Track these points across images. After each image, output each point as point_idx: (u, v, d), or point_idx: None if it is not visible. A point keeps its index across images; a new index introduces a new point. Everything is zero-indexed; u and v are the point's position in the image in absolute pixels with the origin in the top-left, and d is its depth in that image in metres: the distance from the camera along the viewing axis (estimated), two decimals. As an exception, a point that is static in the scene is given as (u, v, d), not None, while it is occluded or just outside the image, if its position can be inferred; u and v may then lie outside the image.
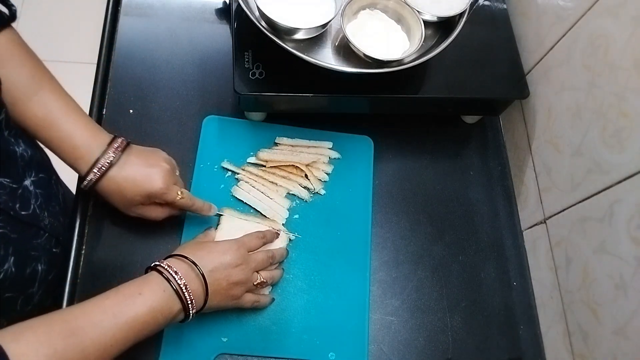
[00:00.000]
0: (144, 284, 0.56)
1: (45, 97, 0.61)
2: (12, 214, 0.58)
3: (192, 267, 0.58)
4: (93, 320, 0.51)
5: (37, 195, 0.63)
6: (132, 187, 0.62)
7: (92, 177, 0.61)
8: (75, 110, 0.63)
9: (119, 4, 0.86)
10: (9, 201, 0.57)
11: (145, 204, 0.65)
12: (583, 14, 0.67)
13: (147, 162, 0.64)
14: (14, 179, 0.59)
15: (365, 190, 0.78)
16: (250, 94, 0.71)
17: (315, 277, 0.72)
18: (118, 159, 0.62)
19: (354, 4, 0.71)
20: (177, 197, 0.65)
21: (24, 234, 0.60)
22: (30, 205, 0.61)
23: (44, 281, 0.65)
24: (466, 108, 0.84)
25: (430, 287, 0.75)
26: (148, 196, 0.63)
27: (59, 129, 0.61)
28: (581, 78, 0.67)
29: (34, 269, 0.62)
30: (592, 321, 0.63)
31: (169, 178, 0.64)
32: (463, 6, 0.72)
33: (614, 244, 0.59)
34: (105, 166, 0.61)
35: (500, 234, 0.80)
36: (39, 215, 0.63)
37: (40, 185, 0.64)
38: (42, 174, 0.65)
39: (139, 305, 0.53)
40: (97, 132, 0.63)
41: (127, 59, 0.82)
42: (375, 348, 0.70)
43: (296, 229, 0.74)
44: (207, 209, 0.69)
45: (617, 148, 0.60)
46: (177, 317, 0.57)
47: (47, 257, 0.65)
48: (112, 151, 0.62)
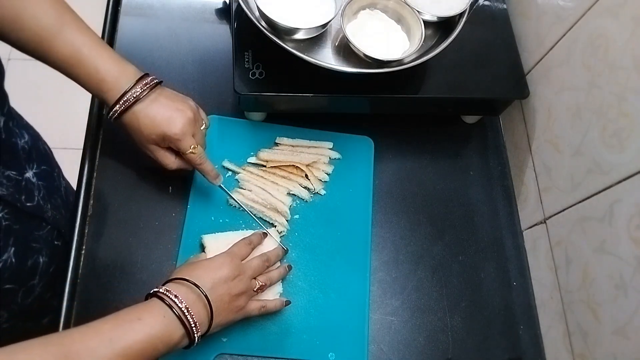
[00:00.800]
0: (144, 309, 0.54)
1: (71, 34, 0.60)
2: (19, 205, 0.58)
3: (193, 288, 0.56)
4: (89, 345, 0.49)
5: (40, 187, 0.63)
6: (150, 124, 0.62)
7: (117, 108, 0.61)
8: (102, 45, 0.63)
9: (119, 4, 0.86)
10: (15, 193, 0.58)
11: (160, 146, 0.65)
12: (583, 14, 0.67)
13: (174, 104, 0.64)
14: (18, 171, 0.59)
15: (365, 190, 0.78)
16: (250, 94, 0.71)
17: (315, 277, 0.72)
18: (146, 95, 0.62)
19: (354, 4, 0.71)
20: (189, 149, 0.64)
21: (27, 226, 0.60)
22: (35, 197, 0.61)
23: (45, 274, 0.65)
24: (466, 108, 0.84)
25: (430, 287, 0.75)
26: (163, 137, 0.63)
27: (88, 64, 0.60)
28: (581, 78, 0.67)
29: (35, 261, 0.63)
30: (592, 321, 0.63)
31: (188, 126, 0.63)
32: (463, 6, 0.72)
33: (614, 244, 0.59)
34: (131, 100, 0.61)
35: (500, 234, 0.80)
36: (43, 207, 0.63)
37: (42, 177, 0.64)
38: (44, 166, 0.65)
39: (138, 332, 0.52)
40: (127, 66, 0.63)
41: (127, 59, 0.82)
42: (375, 348, 0.70)
43: (296, 229, 0.74)
44: (213, 175, 0.68)
45: (617, 148, 0.60)
46: (181, 344, 0.56)
47: (48, 250, 0.65)
48: (140, 86, 0.62)
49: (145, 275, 0.69)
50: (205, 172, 0.67)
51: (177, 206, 0.73)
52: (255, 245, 0.67)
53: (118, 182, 0.74)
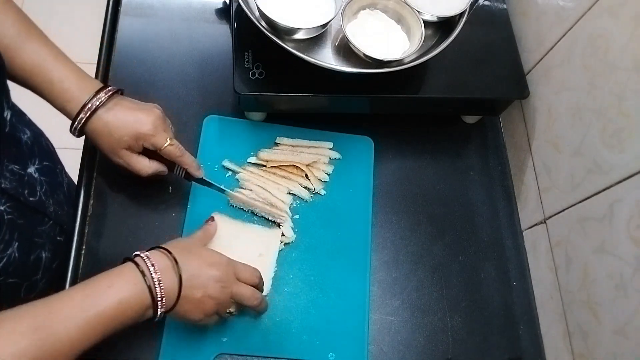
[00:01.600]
0: (116, 275, 0.54)
1: (34, 46, 0.61)
2: (22, 199, 0.58)
3: (173, 264, 0.56)
4: (60, 314, 0.49)
5: (42, 182, 0.63)
6: (120, 126, 0.62)
7: (82, 115, 0.61)
8: (64, 58, 0.63)
9: (119, 4, 0.86)
10: (19, 187, 0.58)
11: (133, 150, 0.64)
12: (583, 14, 0.67)
13: (139, 106, 0.64)
14: (21, 165, 0.59)
15: (365, 190, 0.78)
16: (250, 94, 0.71)
17: (315, 277, 0.72)
18: (108, 101, 0.62)
19: (354, 4, 0.71)
20: (166, 143, 0.63)
21: (30, 220, 0.60)
22: (37, 192, 0.61)
23: (48, 269, 0.65)
24: (466, 108, 0.84)
25: (430, 287, 0.75)
26: (136, 137, 0.62)
27: (50, 75, 0.61)
28: (581, 78, 0.67)
29: (38, 256, 0.63)
30: (592, 321, 0.63)
31: (158, 122, 0.63)
32: (463, 6, 0.72)
33: (614, 244, 0.59)
34: (95, 104, 0.61)
35: (500, 234, 0.80)
36: (45, 202, 0.63)
37: (44, 172, 0.64)
38: (46, 162, 0.65)
39: (109, 299, 0.51)
40: (88, 78, 0.63)
41: (127, 59, 0.82)
42: (375, 348, 0.70)
43: (296, 229, 0.74)
44: (195, 167, 0.67)
45: (617, 148, 0.60)
46: (147, 314, 0.55)
47: (51, 245, 0.65)
48: (104, 93, 0.62)
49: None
50: (187, 164, 0.67)
51: (177, 206, 0.73)
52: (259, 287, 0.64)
53: (118, 182, 0.74)
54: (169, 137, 0.64)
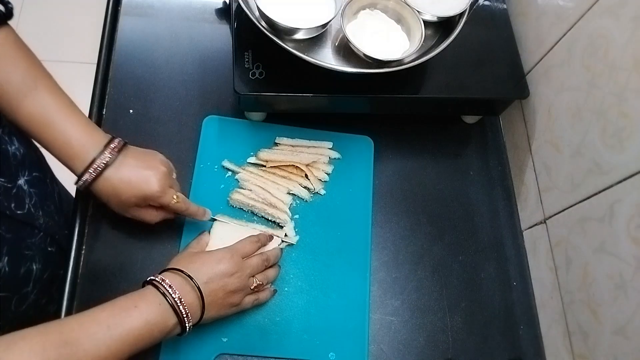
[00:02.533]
0: (140, 297, 0.55)
1: (41, 96, 0.60)
2: (8, 213, 0.58)
3: (187, 280, 0.57)
4: (88, 331, 0.50)
5: (32, 194, 0.62)
6: (127, 188, 0.62)
7: (87, 177, 0.60)
8: (72, 110, 0.62)
9: (119, 4, 0.86)
10: (5, 201, 0.57)
11: (141, 206, 0.65)
12: (583, 14, 0.67)
13: (144, 164, 0.64)
14: (8, 178, 0.59)
15: (365, 190, 0.78)
16: (250, 94, 0.71)
17: (315, 277, 0.72)
18: (114, 159, 0.61)
19: (354, 4, 0.71)
20: (173, 201, 0.64)
21: (19, 234, 0.60)
22: (25, 205, 0.61)
23: (38, 280, 0.65)
24: (466, 108, 0.84)
25: (430, 287, 0.75)
26: (144, 198, 0.63)
27: (54, 128, 0.60)
28: (581, 78, 0.67)
29: (29, 269, 0.62)
30: (592, 321, 0.63)
31: (165, 181, 0.64)
32: (463, 6, 0.72)
33: (614, 244, 0.59)
34: (101, 167, 0.60)
35: (500, 234, 0.80)
36: (34, 215, 0.62)
37: (34, 184, 0.63)
38: (36, 173, 0.65)
39: (135, 318, 0.53)
40: (94, 132, 0.62)
41: (127, 59, 0.83)
42: (375, 348, 0.70)
43: (296, 229, 0.74)
44: (201, 214, 0.69)
45: (617, 148, 0.60)
46: (174, 331, 0.57)
47: (41, 256, 0.64)
48: (109, 152, 0.61)
49: (145, 275, 0.68)
50: (193, 216, 0.68)
51: (177, 206, 0.73)
52: (263, 244, 0.68)
53: (118, 182, 0.74)
54: (174, 194, 0.65)
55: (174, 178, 0.68)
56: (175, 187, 0.67)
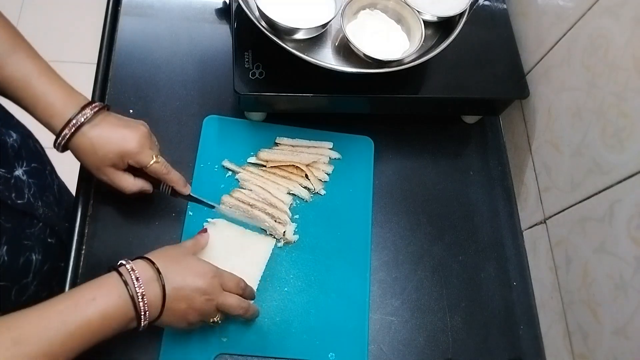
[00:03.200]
0: (99, 287, 0.53)
1: (21, 60, 0.60)
2: (10, 203, 0.58)
3: (157, 276, 0.55)
4: (40, 327, 0.49)
5: (31, 184, 0.63)
6: (105, 143, 0.61)
7: (66, 132, 0.59)
8: (51, 72, 0.62)
9: (119, 4, 0.86)
10: (5, 191, 0.57)
11: (118, 167, 0.63)
12: (583, 14, 0.67)
13: (124, 123, 0.63)
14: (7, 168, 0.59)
15: (365, 190, 0.78)
16: (250, 94, 0.71)
17: (315, 277, 0.72)
18: (94, 117, 0.60)
19: (354, 4, 0.71)
20: (152, 161, 0.62)
21: (18, 223, 0.60)
22: (25, 195, 0.61)
23: (38, 272, 0.65)
24: (466, 108, 0.84)
25: (430, 287, 0.75)
26: (121, 155, 0.61)
27: (34, 89, 0.59)
28: (581, 78, 0.67)
29: (28, 259, 0.62)
30: (592, 321, 0.63)
31: (144, 139, 0.62)
32: (463, 6, 0.72)
33: (614, 244, 0.59)
34: (80, 121, 0.59)
35: (500, 234, 0.80)
36: (34, 204, 0.62)
37: (33, 174, 0.63)
38: (34, 164, 0.65)
39: (91, 312, 0.51)
40: (74, 93, 0.62)
41: (127, 59, 0.82)
42: (375, 348, 0.70)
43: (296, 229, 0.74)
44: (182, 184, 0.66)
45: (617, 148, 0.60)
46: (130, 325, 0.55)
47: (41, 247, 0.64)
48: (89, 109, 0.60)
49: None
50: (173, 182, 0.66)
51: (177, 206, 0.73)
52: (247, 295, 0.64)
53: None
54: (154, 154, 0.63)
55: (156, 144, 0.66)
56: (156, 150, 0.65)
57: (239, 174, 0.75)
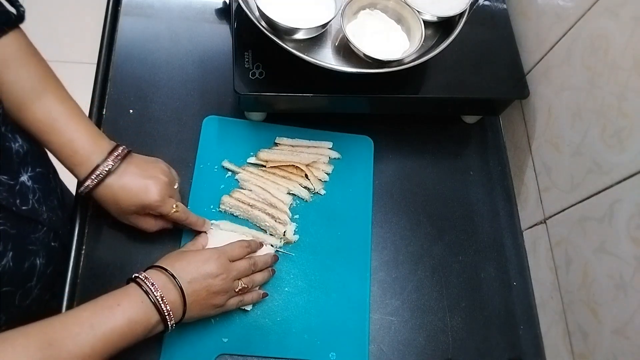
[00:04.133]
0: (122, 295, 0.56)
1: (49, 102, 0.61)
2: (14, 209, 0.58)
3: (170, 278, 0.58)
4: (71, 332, 0.51)
5: (35, 190, 0.63)
6: (127, 196, 0.62)
7: (89, 183, 0.61)
8: (79, 116, 0.63)
9: (119, 4, 0.86)
10: (10, 197, 0.58)
11: (140, 214, 0.65)
12: (583, 14, 0.67)
13: (146, 172, 0.64)
14: (11, 175, 0.59)
15: (365, 190, 0.78)
16: (250, 94, 0.71)
17: (315, 277, 0.72)
18: (117, 167, 0.62)
19: (354, 4, 0.71)
20: (172, 211, 0.65)
21: (23, 229, 0.60)
22: (29, 201, 0.61)
23: (42, 275, 0.65)
24: (466, 108, 0.84)
25: (430, 287, 0.75)
26: (142, 207, 0.64)
27: (60, 134, 0.61)
28: (581, 78, 0.67)
29: (32, 263, 0.62)
30: (592, 321, 0.63)
31: (165, 191, 0.64)
32: (463, 6, 0.72)
33: (614, 244, 0.59)
34: (104, 174, 0.61)
35: (500, 234, 0.80)
36: (38, 210, 0.63)
37: (37, 180, 0.64)
38: (39, 169, 0.65)
39: (118, 317, 0.53)
40: (99, 139, 0.63)
41: (127, 59, 0.82)
42: (376, 348, 0.70)
43: (296, 229, 0.74)
44: (200, 224, 0.69)
45: (617, 148, 0.60)
46: (157, 328, 0.57)
47: (45, 251, 0.65)
48: (112, 159, 0.62)
49: (146, 276, 0.69)
50: (192, 225, 0.68)
51: (177, 206, 0.73)
52: (253, 251, 0.68)
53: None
54: (174, 204, 0.65)
55: (175, 188, 0.68)
56: (176, 197, 0.67)
57: (239, 174, 0.75)
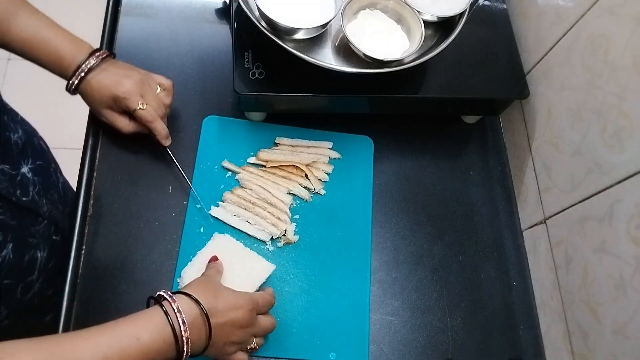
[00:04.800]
0: (145, 327, 0.51)
1: (26, 18, 0.65)
2: (14, 199, 0.58)
3: (204, 319, 0.54)
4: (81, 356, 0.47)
5: (35, 182, 0.63)
6: (101, 88, 0.67)
7: (74, 80, 0.66)
8: (56, 26, 0.68)
9: (119, 4, 0.86)
10: (10, 187, 0.58)
11: (114, 110, 0.69)
12: (583, 14, 0.67)
13: (122, 72, 0.68)
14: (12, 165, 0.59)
15: (365, 190, 0.78)
16: (250, 94, 0.71)
17: (315, 277, 0.72)
18: (97, 65, 0.67)
19: (354, 4, 0.71)
20: (138, 106, 0.67)
21: (23, 221, 0.60)
22: (29, 192, 0.62)
23: (44, 269, 0.65)
24: (466, 108, 0.84)
25: (430, 287, 0.75)
26: (113, 98, 0.67)
27: (45, 46, 0.65)
28: (581, 78, 0.67)
29: (33, 256, 0.63)
30: (592, 321, 0.63)
31: (134, 87, 0.67)
32: (463, 6, 0.72)
33: (614, 244, 0.59)
34: (85, 69, 0.66)
35: (500, 234, 0.80)
36: (38, 202, 0.63)
37: (38, 172, 0.64)
38: (39, 162, 0.66)
39: (134, 351, 0.49)
40: (80, 42, 0.68)
41: (127, 59, 0.82)
42: (375, 348, 0.70)
43: (296, 229, 0.74)
44: (164, 135, 0.71)
45: (617, 148, 0.60)
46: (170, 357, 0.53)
47: (46, 244, 0.65)
48: (94, 58, 0.67)
49: (145, 275, 0.69)
50: (156, 131, 0.70)
51: (177, 206, 0.73)
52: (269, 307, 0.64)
53: (118, 182, 0.74)
54: (142, 101, 0.68)
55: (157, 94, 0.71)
56: (149, 97, 0.69)
57: (239, 174, 0.75)
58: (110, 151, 0.76)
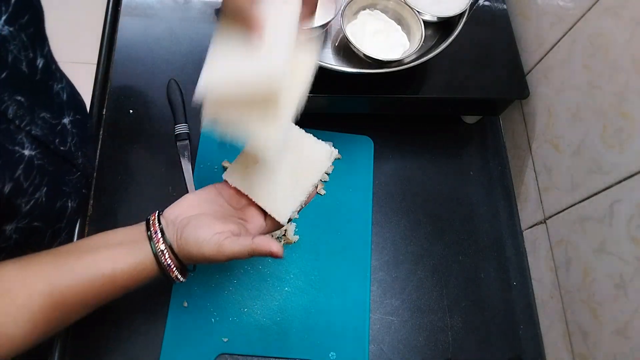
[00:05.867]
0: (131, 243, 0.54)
1: None
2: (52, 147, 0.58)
3: None
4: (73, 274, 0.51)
5: (74, 134, 0.63)
6: None
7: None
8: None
9: (119, 4, 0.86)
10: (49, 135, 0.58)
11: None
12: (583, 14, 0.67)
13: None
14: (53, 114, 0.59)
15: (365, 190, 0.78)
16: (251, 94, 0.71)
17: (315, 277, 0.72)
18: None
19: (354, 5, 0.71)
20: None
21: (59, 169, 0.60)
22: (67, 142, 0.62)
23: (71, 220, 0.65)
24: (466, 108, 0.84)
25: (430, 287, 0.75)
26: None
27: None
28: (581, 78, 0.67)
29: (64, 205, 0.62)
30: (592, 321, 0.63)
31: None
32: (463, 6, 0.72)
33: (614, 244, 0.59)
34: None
35: (500, 234, 0.80)
36: (74, 154, 0.63)
37: (76, 125, 0.64)
38: (78, 115, 0.65)
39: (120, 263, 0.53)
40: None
41: (127, 59, 0.83)
42: (376, 348, 0.70)
43: (296, 229, 0.74)
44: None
45: (617, 148, 0.60)
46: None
47: (77, 196, 0.65)
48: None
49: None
50: None
51: (177, 206, 0.73)
52: None
53: (118, 182, 0.74)
54: None
55: None
56: None
57: (239, 174, 0.75)
58: (110, 151, 0.76)
